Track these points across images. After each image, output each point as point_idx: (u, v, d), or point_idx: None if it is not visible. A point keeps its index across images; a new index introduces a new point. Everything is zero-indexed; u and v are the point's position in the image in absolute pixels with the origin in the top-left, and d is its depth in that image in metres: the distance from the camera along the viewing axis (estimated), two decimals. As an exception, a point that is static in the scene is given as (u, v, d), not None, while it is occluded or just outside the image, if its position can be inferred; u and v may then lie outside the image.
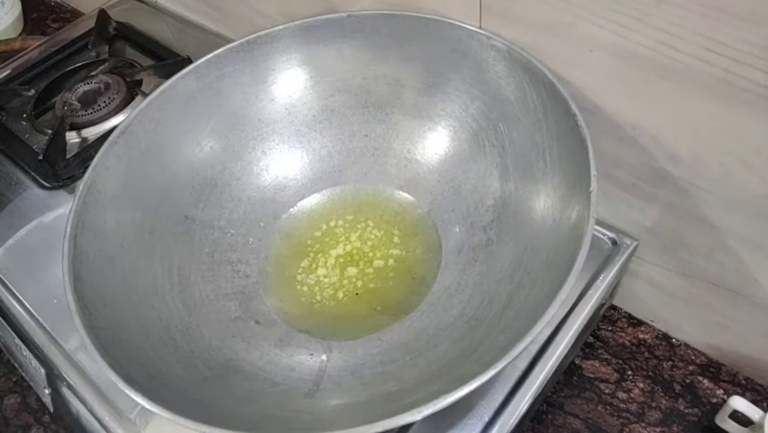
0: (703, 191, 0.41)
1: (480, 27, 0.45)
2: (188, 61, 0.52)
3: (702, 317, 0.49)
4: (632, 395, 0.49)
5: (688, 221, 0.43)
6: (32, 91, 0.69)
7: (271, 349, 0.44)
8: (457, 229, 0.48)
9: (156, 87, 0.48)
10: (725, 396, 0.48)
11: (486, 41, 0.44)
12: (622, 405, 0.49)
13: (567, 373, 0.50)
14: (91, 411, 0.46)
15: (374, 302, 0.46)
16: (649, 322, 0.53)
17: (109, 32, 0.75)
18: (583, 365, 0.51)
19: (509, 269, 0.43)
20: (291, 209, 0.52)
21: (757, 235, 0.41)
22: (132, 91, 0.66)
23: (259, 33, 0.49)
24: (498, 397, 0.41)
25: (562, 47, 0.41)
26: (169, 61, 0.69)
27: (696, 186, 0.41)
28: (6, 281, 0.53)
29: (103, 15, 0.76)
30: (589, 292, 0.45)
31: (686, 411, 0.48)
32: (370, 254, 0.49)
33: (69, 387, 0.47)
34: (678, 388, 0.49)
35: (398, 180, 0.52)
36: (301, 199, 0.52)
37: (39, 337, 0.49)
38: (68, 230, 0.40)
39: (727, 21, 0.33)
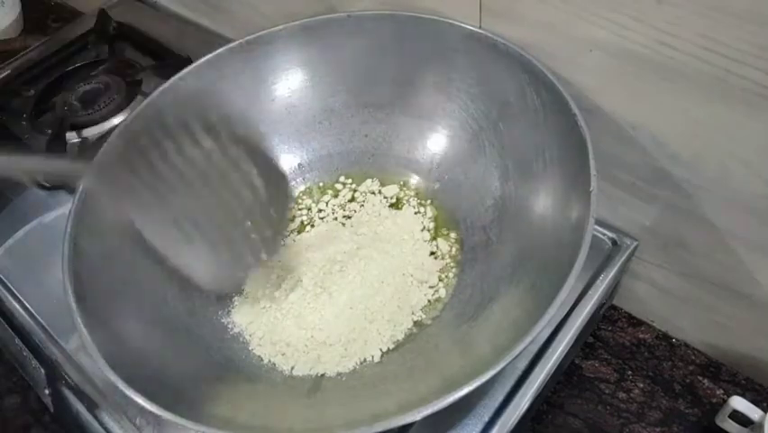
0: (703, 191, 0.41)
1: (480, 27, 0.45)
2: (188, 61, 0.52)
3: (702, 317, 0.49)
4: (632, 395, 0.49)
5: (688, 221, 0.43)
6: (32, 91, 0.69)
7: (271, 349, 0.44)
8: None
9: (156, 87, 0.48)
10: (725, 396, 0.48)
11: (486, 41, 0.44)
12: (622, 405, 0.49)
13: (567, 373, 0.50)
14: (91, 411, 0.46)
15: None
16: (649, 322, 0.53)
17: (109, 32, 0.75)
18: (583, 365, 0.51)
19: (509, 269, 0.43)
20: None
21: (757, 235, 0.41)
22: (132, 91, 0.66)
23: (259, 33, 0.49)
24: (498, 397, 0.41)
25: (562, 47, 0.41)
26: (169, 61, 0.69)
27: (696, 186, 0.41)
28: (6, 281, 0.53)
29: (103, 15, 0.76)
30: (589, 292, 0.45)
31: (686, 411, 0.48)
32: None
33: (69, 387, 0.47)
34: (678, 388, 0.49)
35: (398, 180, 0.52)
36: (301, 199, 0.52)
37: (39, 337, 0.49)
38: (68, 230, 0.40)
39: (727, 21, 0.33)
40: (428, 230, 0.49)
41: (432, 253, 0.47)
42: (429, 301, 0.45)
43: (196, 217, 0.40)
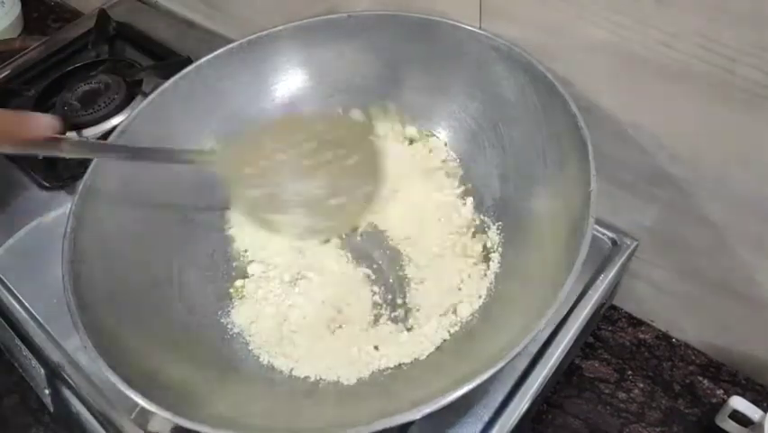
0: (703, 191, 0.41)
1: (480, 27, 0.45)
2: (188, 61, 0.52)
3: (702, 317, 0.49)
4: (632, 395, 0.49)
5: (688, 221, 0.43)
6: (32, 91, 0.69)
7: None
8: (457, 229, 0.48)
9: (156, 87, 0.48)
10: (725, 396, 0.48)
11: (486, 42, 0.44)
12: (622, 405, 0.49)
13: (567, 373, 0.50)
14: (91, 411, 0.46)
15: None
16: (649, 322, 0.53)
17: (109, 32, 0.75)
18: (583, 365, 0.51)
19: (509, 269, 0.43)
20: (291, 209, 0.52)
21: (757, 235, 0.41)
22: (132, 91, 0.66)
23: (259, 33, 0.49)
24: (498, 397, 0.41)
25: (562, 47, 0.41)
26: (168, 61, 0.69)
27: (696, 186, 0.41)
28: (6, 281, 0.53)
29: (103, 15, 0.76)
30: (589, 292, 0.45)
31: (686, 411, 0.48)
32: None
33: (69, 387, 0.47)
34: (678, 388, 0.49)
35: (398, 180, 0.52)
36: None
37: (39, 337, 0.49)
38: (68, 230, 0.40)
39: (727, 21, 0.33)
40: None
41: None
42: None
43: None
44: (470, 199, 0.48)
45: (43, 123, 0.39)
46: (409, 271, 0.46)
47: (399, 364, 0.41)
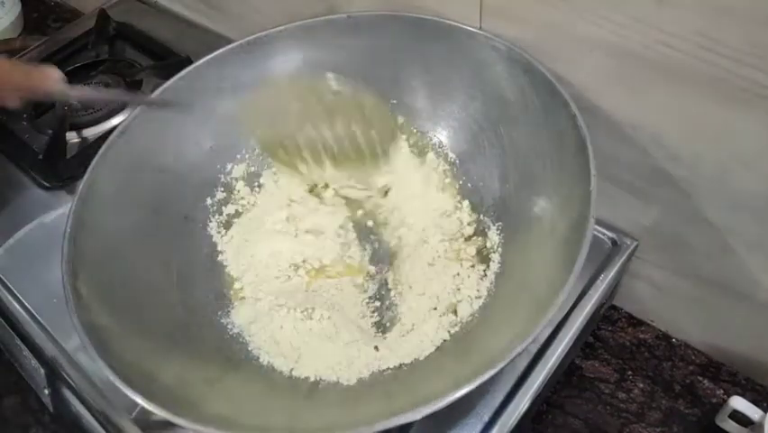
0: (703, 191, 0.41)
1: (480, 28, 0.45)
2: (188, 61, 0.52)
3: (702, 317, 0.49)
4: (632, 395, 0.49)
5: (688, 221, 0.43)
6: (33, 91, 0.69)
7: (271, 349, 0.44)
8: (457, 229, 0.48)
9: (156, 87, 0.48)
10: (725, 396, 0.48)
11: (486, 42, 0.44)
12: (622, 405, 0.49)
13: (567, 373, 0.50)
14: (91, 411, 0.46)
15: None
16: (649, 322, 0.53)
17: (109, 32, 0.75)
18: (583, 365, 0.51)
19: (509, 269, 0.43)
20: (291, 209, 0.52)
21: (757, 235, 0.41)
22: (132, 91, 0.66)
23: (259, 34, 0.49)
24: (498, 397, 0.41)
25: (561, 47, 0.41)
26: (168, 61, 0.69)
27: (696, 186, 0.41)
28: (6, 281, 0.53)
29: (103, 15, 0.76)
30: (590, 292, 0.45)
31: (686, 411, 0.48)
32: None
33: (69, 387, 0.47)
34: (678, 388, 0.49)
35: (398, 180, 0.52)
36: (301, 199, 0.52)
37: (39, 337, 0.49)
38: (68, 230, 0.40)
39: (727, 21, 0.33)
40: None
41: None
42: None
43: None
44: (465, 203, 0.48)
45: (52, 75, 0.42)
46: (408, 274, 0.46)
47: (399, 365, 0.41)
